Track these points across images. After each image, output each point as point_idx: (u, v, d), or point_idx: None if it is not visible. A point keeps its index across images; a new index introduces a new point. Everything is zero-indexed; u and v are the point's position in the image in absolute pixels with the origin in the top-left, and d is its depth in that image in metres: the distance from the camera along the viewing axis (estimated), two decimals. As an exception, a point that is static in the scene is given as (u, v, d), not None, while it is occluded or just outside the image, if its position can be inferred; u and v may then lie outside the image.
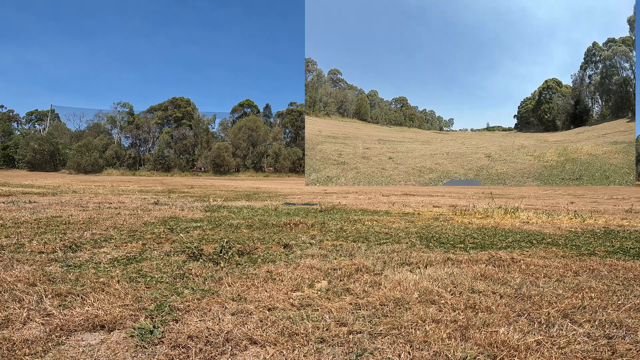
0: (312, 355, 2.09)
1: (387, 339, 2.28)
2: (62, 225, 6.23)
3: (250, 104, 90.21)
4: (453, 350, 2.13)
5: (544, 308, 2.80)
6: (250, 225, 6.82)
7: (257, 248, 4.75)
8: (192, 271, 3.62)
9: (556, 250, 4.98)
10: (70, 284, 3.16)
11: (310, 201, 13.41)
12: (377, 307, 2.78)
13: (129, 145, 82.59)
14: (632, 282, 3.52)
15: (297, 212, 9.39)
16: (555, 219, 8.31)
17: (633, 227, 7.32)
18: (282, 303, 2.82)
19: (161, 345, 2.18)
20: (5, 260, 3.88)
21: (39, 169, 70.46)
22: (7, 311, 2.55)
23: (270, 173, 79.14)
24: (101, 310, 2.57)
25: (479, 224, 7.47)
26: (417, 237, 5.77)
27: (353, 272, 3.68)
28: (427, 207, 11.61)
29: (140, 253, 4.39)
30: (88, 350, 2.12)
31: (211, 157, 76.74)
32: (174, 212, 8.69)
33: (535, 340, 2.27)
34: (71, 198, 12.17)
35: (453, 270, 3.79)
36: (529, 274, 3.73)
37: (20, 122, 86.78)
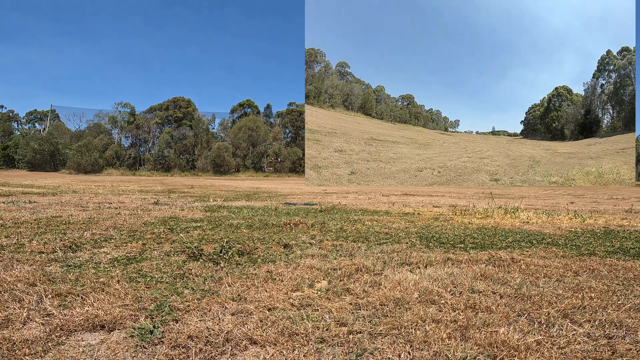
0: (312, 355, 2.09)
1: (387, 339, 2.28)
2: (62, 225, 6.23)
3: (250, 104, 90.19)
4: (453, 350, 2.13)
5: (544, 308, 2.80)
6: (250, 225, 6.82)
7: (257, 248, 4.75)
8: (192, 271, 3.62)
9: (556, 250, 4.98)
10: (70, 284, 3.16)
11: (310, 201, 13.41)
12: (377, 307, 2.78)
13: (129, 145, 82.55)
14: (632, 282, 3.52)
15: (297, 212, 9.39)
16: (555, 219, 8.31)
17: (633, 227, 7.32)
18: (282, 303, 2.82)
19: (161, 345, 2.18)
20: (5, 260, 3.88)
21: (39, 169, 70.44)
22: (7, 311, 2.55)
23: (270, 173, 79.13)
24: (101, 310, 2.57)
25: (479, 224, 7.47)
26: (417, 237, 5.77)
27: (353, 272, 3.68)
28: (427, 207, 11.61)
29: (140, 253, 4.39)
30: (88, 350, 2.12)
31: (211, 157, 76.72)
32: (174, 212, 8.69)
33: (535, 340, 2.27)
34: (71, 198, 12.17)
35: (453, 270, 3.79)
36: (529, 274, 3.73)
37: (20, 122, 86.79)
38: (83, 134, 79.98)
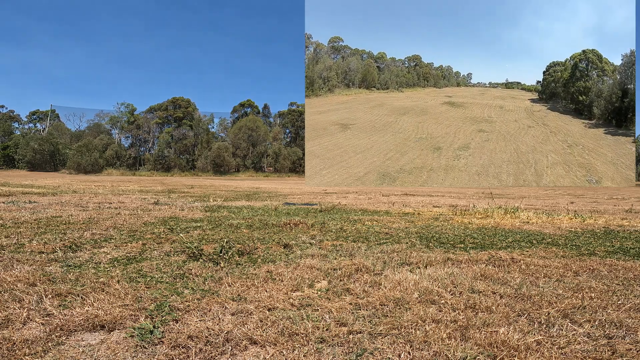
0: (312, 355, 2.09)
1: (387, 339, 2.28)
2: (62, 225, 6.23)
3: (250, 104, 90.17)
4: (453, 350, 2.13)
5: (544, 308, 2.80)
6: (250, 225, 6.82)
7: (257, 248, 4.75)
8: (192, 271, 3.62)
9: (556, 250, 4.98)
10: (70, 284, 3.16)
11: (310, 201, 13.41)
12: (377, 307, 2.78)
13: (129, 145, 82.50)
14: (632, 282, 3.52)
15: (297, 212, 9.39)
16: (555, 219, 8.31)
17: (633, 227, 7.32)
18: (282, 303, 2.82)
19: (161, 345, 2.18)
20: (5, 260, 3.88)
21: (39, 169, 70.42)
22: (7, 311, 2.55)
23: (270, 173, 79.13)
24: (101, 310, 2.57)
25: (479, 224, 7.47)
26: (417, 237, 5.76)
27: (353, 272, 3.68)
28: (427, 207, 11.61)
29: (140, 253, 4.39)
30: (88, 350, 2.12)
31: (211, 157, 76.70)
32: (174, 212, 8.69)
33: (535, 340, 2.27)
34: (71, 198, 12.17)
35: (453, 270, 3.79)
36: (529, 274, 3.73)
37: (21, 122, 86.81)
38: (83, 134, 79.98)
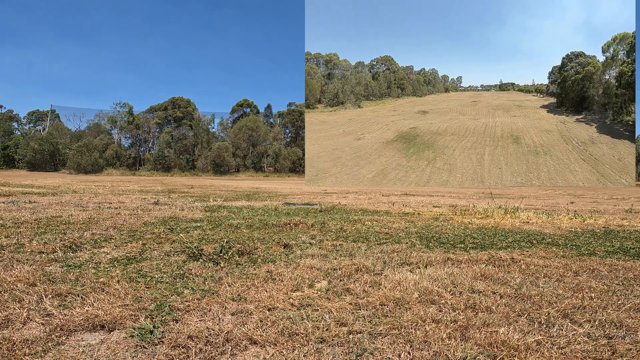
0: (312, 355, 2.09)
1: (387, 339, 2.28)
2: (62, 225, 6.23)
3: (250, 104, 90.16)
4: (453, 350, 2.13)
5: (544, 308, 2.80)
6: (250, 225, 6.82)
7: (257, 248, 4.75)
8: (192, 271, 3.62)
9: (556, 250, 4.98)
10: (70, 284, 3.16)
11: (310, 201, 13.41)
12: (377, 307, 2.78)
13: (129, 145, 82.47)
14: (632, 282, 3.52)
15: (297, 212, 9.39)
16: (555, 219, 8.31)
17: (633, 227, 7.32)
18: (282, 303, 2.82)
19: (161, 345, 2.18)
20: (5, 260, 3.88)
21: (39, 169, 70.40)
22: (7, 311, 2.55)
23: (270, 173, 79.14)
24: (101, 310, 2.57)
25: (479, 224, 7.46)
26: (417, 237, 5.76)
27: (353, 272, 3.68)
28: (427, 207, 11.61)
29: (140, 253, 4.39)
30: (88, 350, 2.12)
31: (211, 157, 76.69)
32: (174, 212, 8.69)
33: (535, 340, 2.27)
34: (71, 198, 12.17)
35: (453, 270, 3.79)
36: (529, 274, 3.73)
37: (21, 122, 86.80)
38: (83, 134, 79.96)
